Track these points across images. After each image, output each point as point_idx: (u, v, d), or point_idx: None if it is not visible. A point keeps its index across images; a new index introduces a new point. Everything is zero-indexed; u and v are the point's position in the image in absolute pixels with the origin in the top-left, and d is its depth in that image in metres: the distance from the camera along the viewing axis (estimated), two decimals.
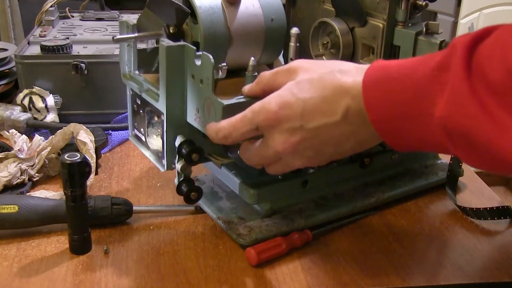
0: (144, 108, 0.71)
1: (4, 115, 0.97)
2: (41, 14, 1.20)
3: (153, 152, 0.72)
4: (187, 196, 0.67)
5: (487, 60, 0.44)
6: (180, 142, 0.65)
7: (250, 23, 0.69)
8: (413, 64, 0.50)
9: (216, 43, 0.67)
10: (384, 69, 0.51)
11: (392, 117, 0.50)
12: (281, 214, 0.72)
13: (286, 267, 0.65)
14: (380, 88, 0.50)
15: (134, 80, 0.71)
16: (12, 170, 0.78)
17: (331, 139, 0.54)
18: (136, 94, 0.72)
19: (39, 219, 0.69)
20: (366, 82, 0.51)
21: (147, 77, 0.71)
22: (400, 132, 0.51)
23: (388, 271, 0.65)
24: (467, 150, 0.46)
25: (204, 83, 0.61)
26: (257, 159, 0.59)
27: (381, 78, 0.51)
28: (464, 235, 0.72)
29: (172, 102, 0.64)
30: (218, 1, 0.67)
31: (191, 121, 0.65)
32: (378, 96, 0.50)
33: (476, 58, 0.44)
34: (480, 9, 2.27)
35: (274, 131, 0.55)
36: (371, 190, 0.77)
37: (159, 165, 0.70)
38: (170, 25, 0.66)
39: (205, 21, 0.66)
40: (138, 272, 0.64)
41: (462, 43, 0.45)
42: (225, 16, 0.67)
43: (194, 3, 0.66)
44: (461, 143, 0.46)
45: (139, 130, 0.74)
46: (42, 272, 0.64)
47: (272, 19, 0.70)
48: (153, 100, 0.67)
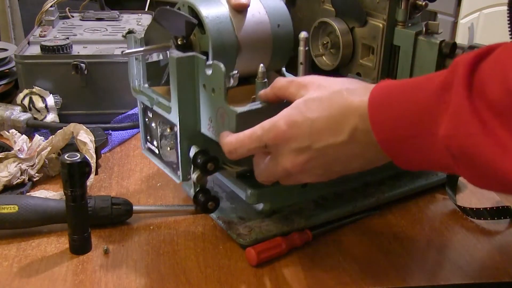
0: (156, 121, 0.71)
1: (4, 115, 0.97)
2: (41, 14, 1.19)
3: (168, 164, 0.72)
4: (205, 206, 0.67)
5: (488, 80, 0.44)
6: (195, 152, 0.65)
7: (257, 30, 0.69)
8: (417, 83, 0.50)
9: (225, 52, 0.67)
10: (389, 89, 0.52)
11: (398, 137, 0.50)
12: (281, 214, 0.72)
13: (286, 267, 0.65)
14: (386, 108, 0.51)
15: (144, 94, 0.72)
16: (12, 170, 0.78)
17: (339, 158, 0.54)
18: (147, 107, 0.72)
19: (39, 219, 0.69)
20: (372, 102, 0.51)
21: (157, 90, 0.71)
22: (406, 151, 0.51)
23: (388, 271, 0.65)
24: (471, 170, 0.46)
25: (216, 92, 0.61)
26: (266, 175, 0.61)
27: (386, 98, 0.51)
28: (464, 235, 0.72)
29: (184, 113, 0.64)
30: (225, 10, 0.67)
31: (204, 131, 0.65)
32: (384, 116, 0.51)
33: (478, 76, 0.45)
34: (480, 9, 2.27)
35: (282, 150, 0.56)
36: (371, 190, 0.77)
37: (174, 177, 0.70)
38: (178, 37, 0.66)
39: (212, 31, 0.66)
40: (138, 272, 0.64)
41: (463, 61, 0.46)
42: (232, 24, 0.67)
43: (201, 13, 0.66)
44: (464, 163, 0.46)
45: (151, 143, 0.74)
46: (42, 272, 0.64)
47: (279, 25, 0.70)
48: (165, 112, 0.67)
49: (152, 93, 0.71)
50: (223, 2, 0.68)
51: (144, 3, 1.51)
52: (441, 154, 0.47)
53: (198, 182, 0.66)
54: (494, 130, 0.43)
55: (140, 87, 0.73)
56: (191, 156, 0.65)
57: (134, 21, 1.24)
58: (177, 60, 0.62)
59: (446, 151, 0.47)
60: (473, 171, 0.46)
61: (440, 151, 0.47)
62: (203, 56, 0.62)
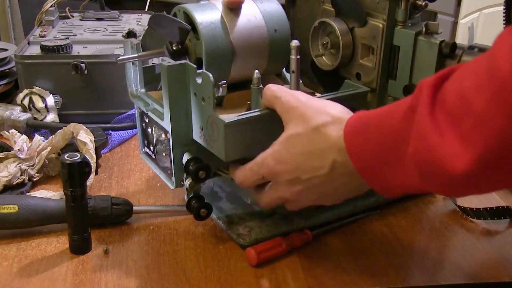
0: (152, 126, 0.72)
1: (4, 115, 0.97)
2: (41, 14, 1.19)
3: (163, 169, 0.72)
4: (197, 213, 0.67)
5: (448, 93, 0.46)
6: (187, 159, 0.65)
7: (253, 35, 0.68)
8: (388, 111, 0.52)
9: (220, 58, 0.67)
10: (362, 120, 0.55)
11: (375, 164, 0.53)
12: (281, 214, 0.72)
13: (286, 267, 0.65)
14: (361, 138, 0.54)
15: (140, 99, 0.72)
16: (12, 170, 0.78)
17: (327, 188, 0.58)
18: (143, 112, 0.72)
19: (39, 219, 0.69)
20: (348, 134, 0.55)
21: (155, 95, 0.71)
22: (384, 177, 0.53)
23: (388, 271, 0.65)
24: (434, 181, 0.48)
25: (206, 101, 0.61)
26: (267, 201, 0.63)
27: (361, 129, 0.54)
28: (464, 235, 0.72)
29: (176, 120, 0.65)
30: (219, 15, 0.67)
31: (196, 138, 0.65)
32: (360, 146, 0.54)
33: (441, 94, 0.46)
34: (480, 9, 2.27)
35: (277, 181, 0.60)
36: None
37: (168, 182, 0.71)
38: (173, 43, 0.66)
39: (206, 37, 0.65)
40: (138, 272, 0.64)
41: (427, 84, 0.47)
42: (226, 30, 0.67)
43: (195, 19, 0.66)
44: (428, 175, 0.48)
45: (148, 147, 0.74)
46: (42, 272, 0.64)
47: (276, 29, 0.70)
48: (159, 118, 0.67)
49: (148, 98, 0.71)
50: (219, 8, 0.68)
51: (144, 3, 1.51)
52: (413, 174, 0.49)
53: (191, 189, 0.67)
54: (451, 138, 0.44)
55: (137, 92, 0.73)
56: (184, 163, 0.66)
57: (134, 21, 1.24)
58: (167, 68, 0.62)
59: (414, 168, 0.48)
60: (436, 181, 0.48)
61: (411, 171, 0.49)
62: (198, 62, 0.62)
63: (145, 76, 0.73)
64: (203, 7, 0.67)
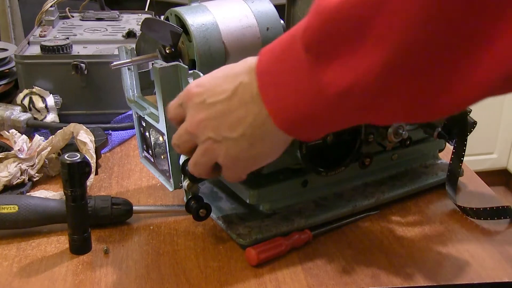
0: (149, 130, 0.72)
1: (4, 115, 0.97)
2: (41, 14, 1.19)
3: (162, 172, 0.73)
4: (196, 213, 0.67)
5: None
6: (184, 161, 0.65)
7: (245, 35, 0.69)
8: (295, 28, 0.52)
9: (212, 59, 0.67)
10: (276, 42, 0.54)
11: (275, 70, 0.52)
12: (281, 214, 0.72)
13: (286, 267, 0.65)
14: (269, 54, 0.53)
15: (137, 104, 0.72)
16: (12, 170, 0.78)
17: (224, 122, 0.55)
18: (141, 117, 0.72)
19: (39, 219, 0.69)
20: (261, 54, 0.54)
21: (151, 99, 0.72)
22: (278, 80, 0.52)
23: (388, 271, 0.65)
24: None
25: None
26: (176, 138, 0.61)
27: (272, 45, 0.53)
28: (464, 235, 0.72)
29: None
30: (211, 17, 0.67)
31: None
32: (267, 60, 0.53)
33: None
34: None
35: (188, 107, 0.58)
36: (371, 190, 0.77)
37: (167, 185, 0.71)
38: (165, 46, 0.66)
39: (198, 39, 0.66)
40: (138, 272, 0.64)
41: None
42: (218, 31, 0.67)
43: (186, 21, 0.66)
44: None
45: (147, 152, 0.75)
46: (42, 272, 0.64)
47: (268, 28, 0.70)
48: (155, 122, 0.68)
49: (144, 102, 0.71)
50: (211, 10, 0.68)
51: (144, 3, 1.51)
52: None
53: (189, 189, 0.67)
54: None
55: (133, 97, 0.73)
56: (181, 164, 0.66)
57: (134, 21, 1.24)
58: (160, 70, 0.63)
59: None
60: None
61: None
62: (191, 64, 0.62)
63: (141, 81, 0.73)
64: (194, 10, 0.67)
